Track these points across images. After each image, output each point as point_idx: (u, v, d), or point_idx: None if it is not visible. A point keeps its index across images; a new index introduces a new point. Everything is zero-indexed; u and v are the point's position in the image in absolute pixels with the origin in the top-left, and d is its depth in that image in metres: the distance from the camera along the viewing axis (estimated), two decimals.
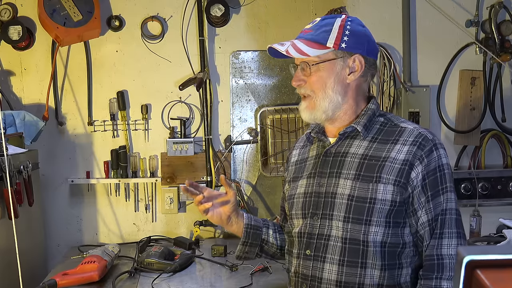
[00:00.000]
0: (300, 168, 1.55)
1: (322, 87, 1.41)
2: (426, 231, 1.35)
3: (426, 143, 1.36)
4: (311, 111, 1.43)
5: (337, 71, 1.41)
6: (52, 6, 2.47)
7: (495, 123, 2.77)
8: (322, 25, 1.42)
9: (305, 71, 1.42)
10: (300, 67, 1.43)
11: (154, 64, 2.68)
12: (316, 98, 1.41)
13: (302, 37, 1.42)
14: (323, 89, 1.41)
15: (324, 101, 1.41)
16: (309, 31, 1.43)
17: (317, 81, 1.41)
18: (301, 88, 1.43)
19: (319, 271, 1.39)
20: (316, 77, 1.41)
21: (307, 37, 1.41)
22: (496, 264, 0.56)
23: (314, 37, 1.40)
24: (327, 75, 1.41)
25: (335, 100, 1.41)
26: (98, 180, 2.68)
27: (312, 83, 1.41)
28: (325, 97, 1.41)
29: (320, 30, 1.41)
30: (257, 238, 1.58)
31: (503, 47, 2.63)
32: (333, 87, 1.41)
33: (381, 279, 1.35)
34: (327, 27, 1.41)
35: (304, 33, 1.43)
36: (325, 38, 1.39)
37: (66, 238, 2.69)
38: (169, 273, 2.14)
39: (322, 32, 1.41)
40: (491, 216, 2.58)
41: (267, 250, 1.62)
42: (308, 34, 1.42)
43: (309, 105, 1.43)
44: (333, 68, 1.41)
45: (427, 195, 1.35)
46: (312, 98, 1.42)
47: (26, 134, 2.39)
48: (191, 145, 2.65)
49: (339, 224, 1.38)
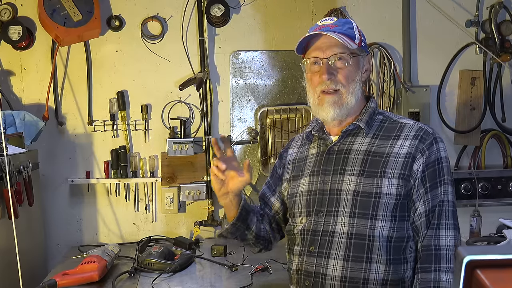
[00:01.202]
0: (300, 166, 1.55)
1: (352, 80, 1.42)
2: (423, 221, 1.37)
3: (427, 136, 1.39)
4: (339, 108, 1.42)
5: (360, 67, 1.45)
6: (52, 6, 2.47)
7: (495, 123, 2.77)
8: (344, 22, 1.44)
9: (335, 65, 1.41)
10: (329, 61, 1.41)
11: (154, 64, 2.68)
12: (346, 93, 1.42)
13: (334, 30, 1.41)
14: (353, 84, 1.42)
15: (352, 96, 1.42)
16: (335, 26, 1.42)
17: (349, 74, 1.42)
18: (332, 82, 1.41)
19: (323, 268, 1.39)
20: (349, 71, 1.41)
21: (338, 30, 1.41)
22: (496, 264, 0.56)
23: (345, 32, 1.41)
24: (356, 70, 1.43)
25: (358, 96, 1.44)
26: (98, 180, 2.68)
27: (344, 77, 1.41)
28: (354, 92, 1.42)
29: (346, 27, 1.43)
30: (244, 222, 1.57)
31: (503, 47, 2.63)
32: (358, 82, 1.44)
33: (386, 274, 1.36)
34: (349, 24, 1.44)
35: (331, 27, 1.42)
36: (353, 34, 1.42)
37: (66, 238, 2.69)
38: (169, 273, 2.14)
39: (348, 29, 1.43)
40: (491, 216, 2.57)
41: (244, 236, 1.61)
42: (337, 29, 1.41)
43: (338, 101, 1.42)
44: (358, 63, 1.44)
45: (425, 186, 1.37)
46: (341, 94, 1.41)
47: (26, 134, 2.39)
48: (191, 145, 2.65)
49: (345, 219, 1.39)
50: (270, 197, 1.68)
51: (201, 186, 2.66)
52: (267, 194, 1.69)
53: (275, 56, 2.73)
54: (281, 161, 1.66)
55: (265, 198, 1.69)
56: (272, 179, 1.70)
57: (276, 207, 1.67)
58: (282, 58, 2.72)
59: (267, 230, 1.66)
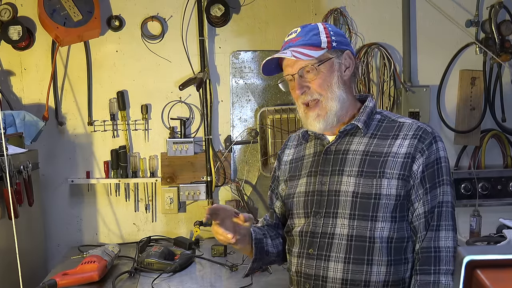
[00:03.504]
0: (297, 167, 1.55)
1: (328, 86, 1.42)
2: (421, 222, 1.37)
3: (426, 136, 1.39)
4: (324, 119, 1.42)
5: (336, 69, 1.44)
6: (52, 6, 2.47)
7: (495, 123, 2.77)
8: (308, 30, 1.45)
9: (305, 77, 1.42)
10: (298, 75, 1.42)
11: (154, 64, 2.68)
12: (325, 101, 1.41)
13: (296, 44, 1.43)
14: (330, 88, 1.42)
15: (333, 101, 1.42)
16: (298, 39, 1.44)
17: (323, 82, 1.41)
18: (307, 94, 1.42)
19: (323, 270, 1.39)
20: (321, 79, 1.41)
21: (301, 43, 1.42)
22: (496, 264, 0.56)
23: (308, 42, 1.42)
24: (330, 74, 1.42)
25: (341, 98, 1.43)
26: (98, 180, 2.68)
27: (318, 85, 1.41)
28: (334, 97, 1.42)
29: (310, 35, 1.43)
30: (262, 251, 1.54)
31: (503, 47, 2.63)
32: (337, 84, 1.43)
33: (387, 275, 1.36)
34: (314, 31, 1.44)
35: (294, 42, 1.44)
36: (318, 40, 1.42)
37: (66, 238, 2.69)
38: (169, 273, 2.14)
39: (312, 36, 1.43)
40: (491, 216, 2.58)
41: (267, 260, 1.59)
42: (299, 41, 1.43)
43: (320, 113, 1.42)
44: (332, 67, 1.43)
45: (425, 187, 1.36)
46: (321, 103, 1.42)
47: (26, 134, 2.39)
48: (191, 145, 2.65)
49: (344, 221, 1.38)
50: (275, 201, 1.67)
51: (201, 186, 2.66)
52: (273, 199, 1.68)
53: None
54: (279, 163, 1.65)
55: (273, 204, 1.67)
56: (274, 183, 1.68)
57: (282, 210, 1.64)
58: None
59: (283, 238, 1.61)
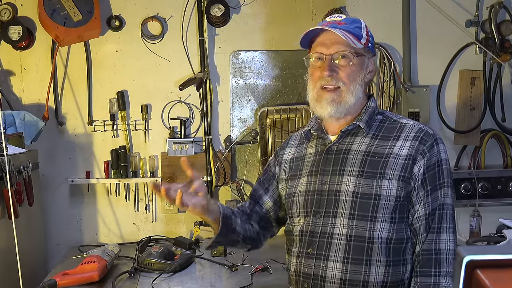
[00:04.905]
0: (298, 166, 1.54)
1: (354, 80, 1.41)
2: (422, 224, 1.37)
3: (428, 138, 1.39)
4: (337, 105, 1.41)
5: (364, 67, 1.44)
6: (52, 6, 2.47)
7: (495, 123, 2.77)
8: (352, 21, 1.43)
9: (336, 62, 1.40)
10: (332, 58, 1.40)
11: (154, 64, 2.68)
12: (346, 91, 1.41)
13: (341, 28, 1.39)
14: (354, 83, 1.41)
15: (351, 96, 1.41)
16: (343, 23, 1.41)
17: (351, 73, 1.41)
18: (332, 79, 1.40)
19: (322, 270, 1.39)
20: (351, 70, 1.41)
21: (346, 28, 1.40)
22: (496, 264, 0.56)
23: (352, 30, 1.40)
24: (359, 69, 1.42)
25: (358, 96, 1.43)
26: (98, 180, 2.68)
27: (347, 75, 1.40)
28: (354, 91, 1.41)
29: (354, 26, 1.42)
30: (229, 228, 1.48)
31: (503, 47, 2.63)
32: (360, 82, 1.43)
33: (385, 276, 1.36)
34: (357, 24, 1.44)
35: (339, 24, 1.41)
36: (360, 34, 1.41)
37: (66, 238, 2.69)
38: (169, 273, 2.14)
39: (356, 28, 1.42)
40: (491, 216, 2.58)
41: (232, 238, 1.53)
42: (345, 26, 1.40)
43: (336, 99, 1.41)
44: (362, 64, 1.43)
45: (426, 189, 1.37)
46: (341, 92, 1.41)
47: (26, 134, 2.39)
48: (191, 145, 2.65)
49: (344, 221, 1.38)
50: (262, 195, 1.63)
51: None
52: (258, 192, 1.63)
53: (275, 56, 2.73)
54: (276, 159, 1.63)
55: (257, 196, 1.63)
56: (265, 177, 1.65)
57: (267, 206, 1.62)
58: (282, 58, 2.72)
59: (255, 230, 1.59)
